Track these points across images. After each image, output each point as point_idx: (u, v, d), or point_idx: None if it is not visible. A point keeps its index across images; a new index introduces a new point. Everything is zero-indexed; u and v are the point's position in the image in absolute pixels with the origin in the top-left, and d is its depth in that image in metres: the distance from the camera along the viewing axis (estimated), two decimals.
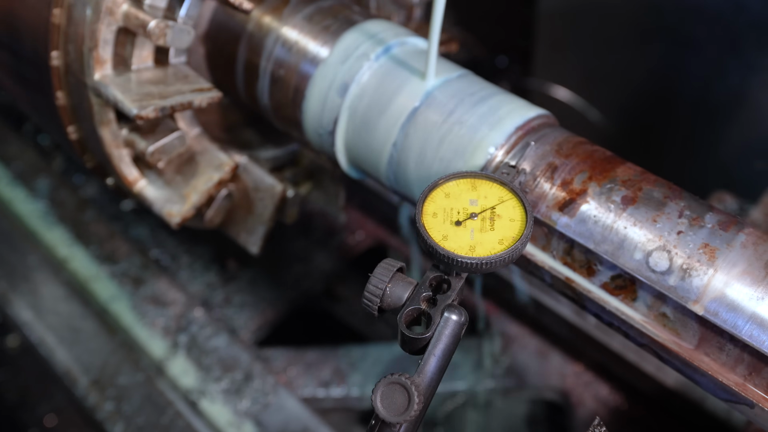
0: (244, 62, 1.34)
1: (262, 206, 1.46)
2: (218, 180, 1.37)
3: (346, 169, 1.28)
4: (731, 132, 2.32)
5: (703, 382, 0.92)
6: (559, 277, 1.01)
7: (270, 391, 1.84)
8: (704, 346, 0.90)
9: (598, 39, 2.50)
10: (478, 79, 1.17)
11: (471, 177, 0.96)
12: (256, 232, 1.48)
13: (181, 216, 1.36)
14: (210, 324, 1.98)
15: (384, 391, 0.81)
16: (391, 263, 0.91)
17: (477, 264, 0.87)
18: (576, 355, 2.03)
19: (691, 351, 0.91)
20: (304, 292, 2.25)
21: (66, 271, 2.10)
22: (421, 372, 0.85)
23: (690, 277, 0.90)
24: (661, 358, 0.96)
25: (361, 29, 1.23)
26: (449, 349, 0.86)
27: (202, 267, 2.23)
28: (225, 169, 1.37)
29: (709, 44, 2.21)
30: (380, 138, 1.16)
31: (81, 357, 1.91)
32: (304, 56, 1.25)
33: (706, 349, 0.90)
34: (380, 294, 0.89)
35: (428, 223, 0.91)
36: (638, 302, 0.94)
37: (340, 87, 1.20)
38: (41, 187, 2.34)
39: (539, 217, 1.01)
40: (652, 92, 2.46)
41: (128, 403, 1.81)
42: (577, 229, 0.98)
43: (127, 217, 2.32)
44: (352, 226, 2.38)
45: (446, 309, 0.87)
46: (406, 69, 1.17)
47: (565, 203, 1.00)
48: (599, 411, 1.93)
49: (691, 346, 0.91)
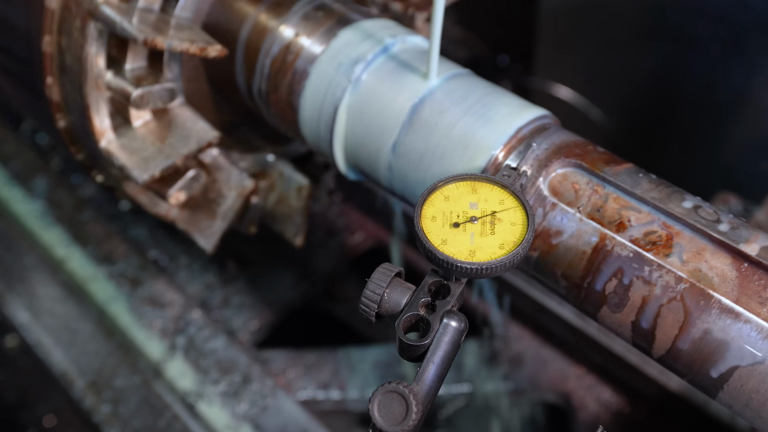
0: (241, 62, 1.32)
1: (227, 204, 1.44)
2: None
3: (344, 171, 1.26)
4: (734, 132, 2.31)
5: (738, 335, 0.89)
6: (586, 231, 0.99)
7: (268, 394, 1.83)
8: (743, 298, 0.88)
9: (601, 38, 2.49)
10: (479, 79, 1.15)
11: (471, 179, 0.94)
12: (213, 229, 1.46)
13: (149, 176, 1.30)
14: (208, 325, 1.97)
15: (381, 400, 0.79)
16: (389, 268, 0.89)
17: (477, 269, 0.85)
18: (578, 358, 2.01)
19: (734, 296, 0.89)
20: (304, 294, 2.23)
21: (63, 271, 2.09)
22: (420, 380, 0.83)
23: (738, 229, 0.92)
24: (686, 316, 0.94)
25: (359, 28, 1.21)
26: (448, 357, 0.84)
27: (200, 267, 2.21)
28: (206, 139, 1.34)
29: (712, 43, 2.20)
30: (379, 139, 1.14)
31: (78, 359, 1.90)
32: (300, 55, 1.23)
33: (745, 300, 0.88)
34: (378, 300, 0.87)
35: (427, 227, 0.89)
36: (672, 257, 0.92)
37: (337, 87, 1.18)
38: (38, 187, 2.32)
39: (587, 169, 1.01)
40: (655, 91, 2.45)
41: (125, 406, 1.80)
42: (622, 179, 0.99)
43: (125, 217, 2.30)
44: (352, 226, 2.36)
45: (445, 315, 0.85)
46: (405, 68, 1.15)
47: None
48: (601, 414, 1.91)
49: (732, 297, 0.89)
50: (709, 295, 0.89)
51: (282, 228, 1.51)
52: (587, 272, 0.97)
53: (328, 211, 2.38)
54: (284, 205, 1.48)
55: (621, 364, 1.90)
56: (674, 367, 0.94)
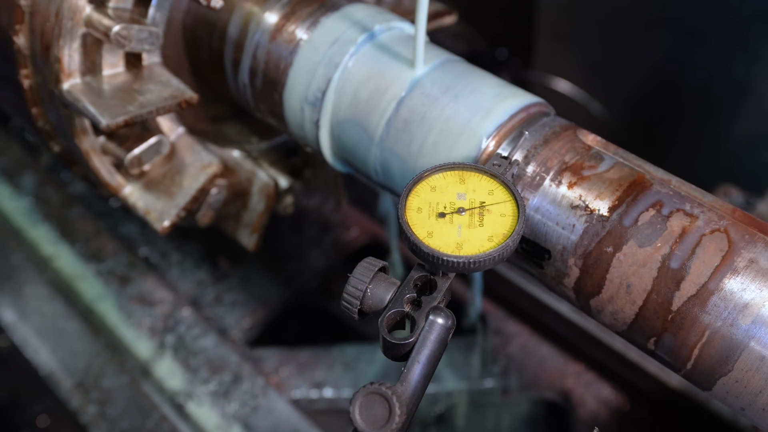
0: (222, 50, 1.27)
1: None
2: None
3: (331, 162, 1.21)
4: (736, 124, 2.28)
5: None
6: None
7: (259, 393, 1.78)
8: None
9: (600, 30, 2.46)
10: (469, 66, 1.11)
11: (459, 169, 0.90)
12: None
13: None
14: (198, 324, 1.93)
15: (363, 402, 0.75)
16: (373, 262, 0.85)
17: (464, 263, 0.81)
18: (577, 354, 1.97)
19: None
20: (298, 290, 2.20)
21: (50, 269, 2.05)
22: (404, 380, 0.78)
23: None
24: None
25: (344, 14, 1.16)
26: (435, 356, 0.80)
27: (192, 265, 2.17)
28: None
29: (713, 35, 2.17)
30: (366, 129, 1.09)
31: (65, 359, 1.86)
32: (283, 43, 1.18)
33: None
34: (360, 296, 0.83)
35: (412, 219, 0.84)
36: None
37: (321, 76, 1.13)
38: (27, 183, 2.28)
39: None
40: (655, 84, 2.42)
41: (112, 407, 1.76)
42: None
43: (116, 213, 2.26)
44: (346, 222, 2.33)
45: (431, 312, 0.81)
46: (392, 56, 1.10)
47: None
48: (601, 412, 1.87)
49: None
50: (753, 232, 0.84)
51: (236, 229, 1.46)
52: (620, 203, 0.90)
53: (323, 206, 2.34)
54: (243, 204, 1.43)
55: (621, 361, 1.86)
56: (693, 314, 0.85)
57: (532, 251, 0.96)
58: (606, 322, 0.93)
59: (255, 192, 1.40)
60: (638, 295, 0.86)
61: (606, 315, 0.91)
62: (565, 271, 0.92)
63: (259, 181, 1.39)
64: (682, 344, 0.84)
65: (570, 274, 0.92)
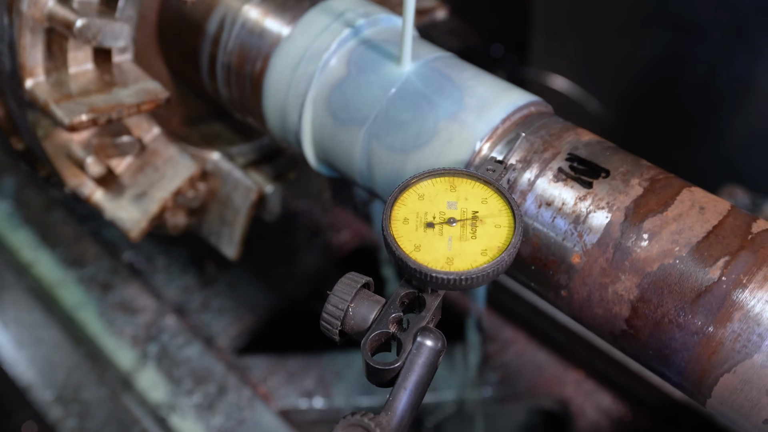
0: (199, 46, 1.20)
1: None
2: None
3: (315, 166, 1.14)
4: (737, 121, 2.25)
5: None
6: None
7: (245, 406, 1.71)
8: None
9: (598, 26, 2.43)
10: (461, 62, 1.03)
11: (449, 175, 0.82)
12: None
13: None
14: (182, 332, 1.86)
15: None
16: (355, 278, 0.77)
17: (455, 280, 0.73)
18: (576, 362, 1.90)
19: None
20: (288, 296, 2.13)
21: (30, 276, 1.97)
22: (389, 409, 0.71)
23: None
24: None
25: (326, 7, 1.08)
26: (423, 381, 0.72)
27: (178, 270, 2.10)
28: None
29: (713, 29, 2.13)
30: (351, 132, 1.02)
31: (43, 369, 1.79)
32: (262, 37, 1.11)
33: None
34: (341, 315, 0.76)
35: (398, 231, 0.77)
36: None
37: (302, 76, 1.05)
38: (6, 186, 2.21)
39: None
40: (654, 81, 2.39)
41: (92, 420, 1.69)
42: None
43: (99, 217, 2.17)
44: (337, 225, 2.26)
45: (419, 333, 0.73)
46: (378, 52, 1.02)
47: None
48: (601, 422, 1.81)
49: None
50: None
51: (216, 237, 1.38)
52: None
53: (312, 210, 2.28)
54: (224, 211, 1.35)
55: (621, 369, 1.79)
56: None
57: None
58: (665, 248, 0.81)
59: (236, 197, 1.33)
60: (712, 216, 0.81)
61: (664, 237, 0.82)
62: None
63: (240, 186, 1.32)
64: None
65: None
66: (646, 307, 0.79)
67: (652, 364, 0.83)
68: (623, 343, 0.85)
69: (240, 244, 1.37)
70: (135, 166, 1.24)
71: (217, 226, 1.37)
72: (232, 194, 1.33)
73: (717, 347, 0.75)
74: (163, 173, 1.24)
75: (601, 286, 0.82)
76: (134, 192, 1.23)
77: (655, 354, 0.81)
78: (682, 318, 0.77)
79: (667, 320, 0.78)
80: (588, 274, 0.83)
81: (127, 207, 1.23)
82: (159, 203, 1.23)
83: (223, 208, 1.35)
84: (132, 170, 1.24)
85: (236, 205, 1.32)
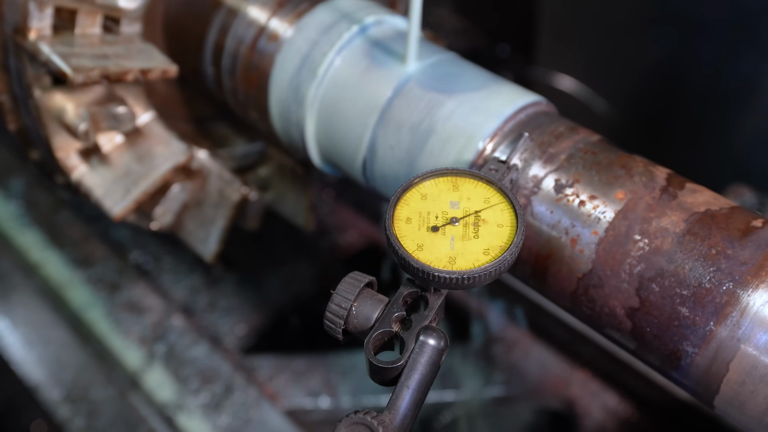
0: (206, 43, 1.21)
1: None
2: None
3: (319, 165, 1.14)
4: (745, 121, 2.23)
5: None
6: None
7: (252, 405, 1.72)
8: None
9: (604, 25, 2.42)
10: (467, 63, 1.04)
11: (452, 175, 0.83)
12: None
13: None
14: (189, 332, 1.86)
15: None
16: (358, 277, 0.78)
17: (458, 279, 0.73)
18: (582, 362, 1.90)
19: None
20: (294, 296, 2.13)
21: (38, 276, 1.98)
22: (392, 408, 0.71)
23: None
24: None
25: (332, 6, 1.09)
26: (426, 380, 0.73)
27: (186, 270, 2.11)
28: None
29: (720, 28, 2.12)
30: (355, 130, 1.03)
31: (51, 369, 1.80)
32: (267, 35, 1.11)
33: None
34: (344, 314, 0.76)
35: (401, 231, 0.77)
36: None
37: (308, 72, 1.06)
38: (15, 187, 2.22)
39: None
40: (661, 80, 2.38)
41: (100, 419, 1.69)
42: None
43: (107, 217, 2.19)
44: (344, 225, 2.26)
45: (422, 332, 0.74)
46: (383, 52, 1.03)
47: None
48: (607, 423, 1.80)
49: None
50: None
51: (193, 238, 1.36)
52: None
53: (318, 210, 2.28)
54: (204, 212, 1.33)
55: (627, 370, 1.79)
56: None
57: None
58: None
59: (219, 200, 1.31)
60: None
61: None
62: None
63: (225, 189, 1.31)
64: None
65: None
66: None
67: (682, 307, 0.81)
68: None
69: (219, 245, 1.35)
70: (125, 146, 1.22)
71: (197, 227, 1.35)
72: (215, 196, 1.31)
73: None
74: (154, 156, 1.22)
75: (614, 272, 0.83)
76: (124, 173, 1.21)
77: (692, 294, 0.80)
78: (730, 249, 0.78)
79: (714, 252, 0.79)
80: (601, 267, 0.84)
81: (114, 186, 1.20)
82: (148, 184, 1.21)
83: (205, 208, 1.34)
84: (121, 150, 1.22)
85: (219, 208, 1.31)
